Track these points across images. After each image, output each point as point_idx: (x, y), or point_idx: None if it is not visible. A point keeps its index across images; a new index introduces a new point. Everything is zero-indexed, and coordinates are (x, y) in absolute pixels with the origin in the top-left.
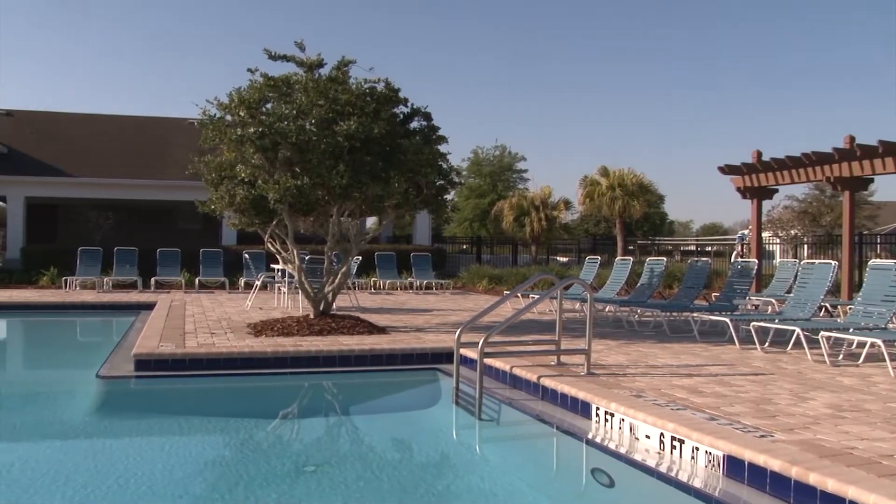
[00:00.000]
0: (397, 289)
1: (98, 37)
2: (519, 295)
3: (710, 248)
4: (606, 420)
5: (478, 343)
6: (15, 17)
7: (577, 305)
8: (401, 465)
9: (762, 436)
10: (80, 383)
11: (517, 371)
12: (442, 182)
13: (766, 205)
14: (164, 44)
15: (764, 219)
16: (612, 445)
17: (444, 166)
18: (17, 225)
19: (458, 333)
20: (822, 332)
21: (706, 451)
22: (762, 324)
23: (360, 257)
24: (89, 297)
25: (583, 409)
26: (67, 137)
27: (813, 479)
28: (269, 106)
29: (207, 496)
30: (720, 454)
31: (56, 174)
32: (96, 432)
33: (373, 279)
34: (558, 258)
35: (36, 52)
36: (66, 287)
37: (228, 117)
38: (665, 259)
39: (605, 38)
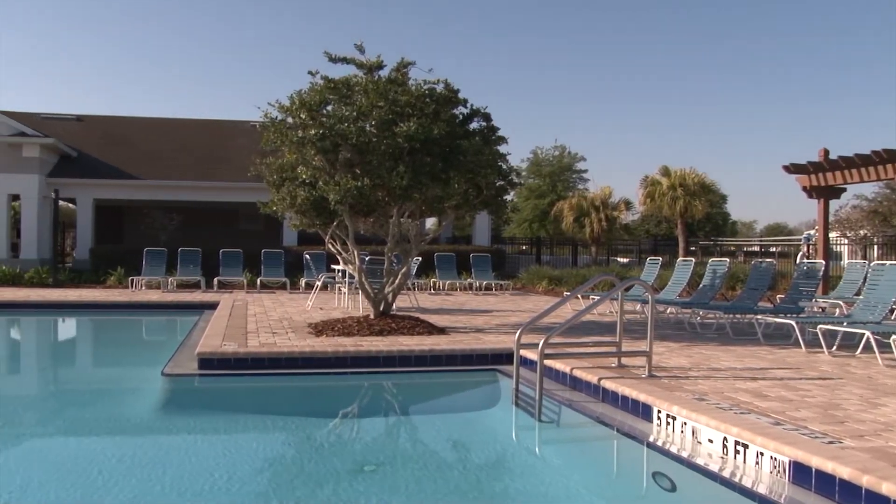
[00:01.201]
0: (457, 289)
1: (162, 44)
2: (579, 296)
3: (774, 249)
4: (668, 423)
5: (538, 344)
6: (84, 27)
7: (638, 307)
8: (459, 466)
9: (830, 442)
10: (145, 381)
11: (577, 373)
12: (501, 183)
13: (834, 204)
14: (226, 49)
15: (831, 218)
16: (673, 449)
17: (504, 167)
18: (86, 226)
19: (518, 334)
20: (893, 336)
21: (771, 457)
22: (830, 326)
23: (420, 258)
24: (154, 296)
25: (644, 411)
26: (134, 141)
27: (886, 488)
28: (329, 108)
29: (267, 494)
30: (786, 460)
31: (123, 177)
32: (161, 428)
33: (432, 280)
34: (619, 259)
35: (103, 60)
36: (132, 287)
37: (290, 119)
38: (728, 260)
39: (663, 37)
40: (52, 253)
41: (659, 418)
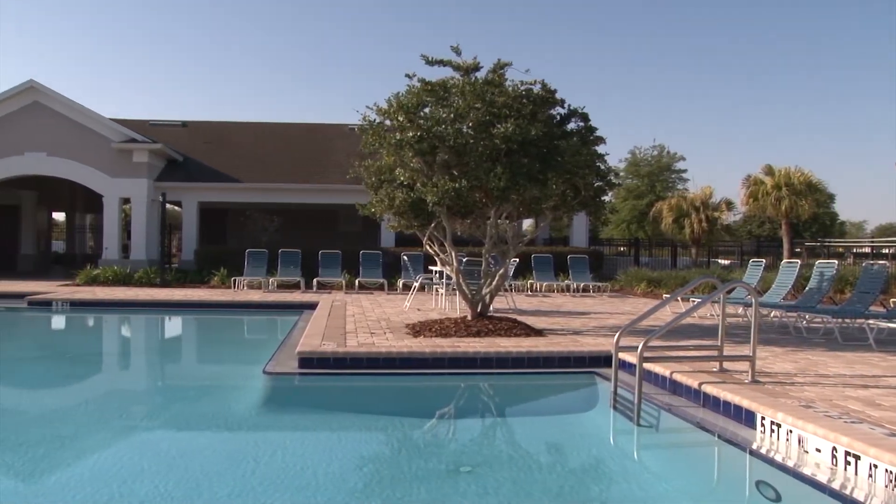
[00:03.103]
0: (554, 291)
1: (264, 49)
2: (679, 299)
3: (886, 251)
4: (772, 431)
5: (637, 347)
6: (190, 36)
7: (741, 310)
8: (556, 469)
9: None
10: (247, 378)
11: (677, 376)
12: (600, 183)
13: None
14: (326, 53)
15: None
16: (778, 458)
17: (602, 167)
18: (191, 228)
19: (616, 337)
20: None
21: (886, 470)
22: None
23: (518, 259)
24: (256, 296)
25: (747, 418)
26: (237, 145)
27: None
28: (426, 110)
29: (365, 492)
30: None
31: (226, 180)
32: (262, 426)
33: (529, 281)
34: (720, 261)
35: (208, 67)
36: (234, 287)
37: (388, 122)
38: (836, 262)
39: (766, 34)
40: (160, 254)
41: (762, 425)
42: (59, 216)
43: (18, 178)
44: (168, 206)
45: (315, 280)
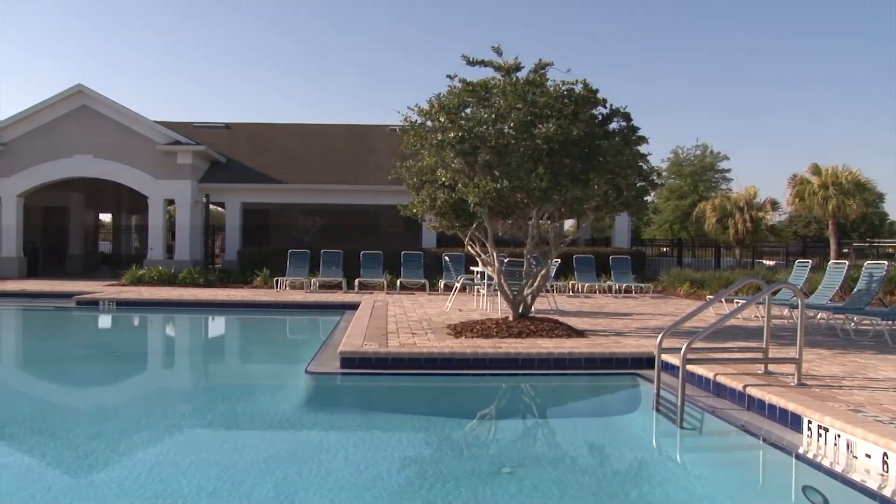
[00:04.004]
0: (596, 292)
1: (303, 52)
2: (723, 300)
3: None
4: (820, 435)
5: (680, 349)
6: (234, 39)
7: (786, 311)
8: (598, 471)
9: None
10: (290, 378)
11: (721, 379)
12: (642, 183)
13: None
14: (366, 54)
15: None
16: (825, 463)
17: (644, 167)
18: (234, 229)
19: (659, 338)
20: None
21: None
22: None
23: (559, 260)
24: (298, 296)
25: (793, 421)
26: (279, 147)
27: None
28: (468, 111)
29: (406, 492)
30: None
31: (269, 181)
32: (304, 425)
33: (571, 282)
34: (764, 261)
35: (251, 70)
36: (277, 287)
37: (429, 123)
38: (886, 263)
39: (814, 26)
40: (203, 254)
41: (810, 429)
42: (105, 217)
43: (67, 180)
44: (211, 207)
45: (357, 280)
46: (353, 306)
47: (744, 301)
